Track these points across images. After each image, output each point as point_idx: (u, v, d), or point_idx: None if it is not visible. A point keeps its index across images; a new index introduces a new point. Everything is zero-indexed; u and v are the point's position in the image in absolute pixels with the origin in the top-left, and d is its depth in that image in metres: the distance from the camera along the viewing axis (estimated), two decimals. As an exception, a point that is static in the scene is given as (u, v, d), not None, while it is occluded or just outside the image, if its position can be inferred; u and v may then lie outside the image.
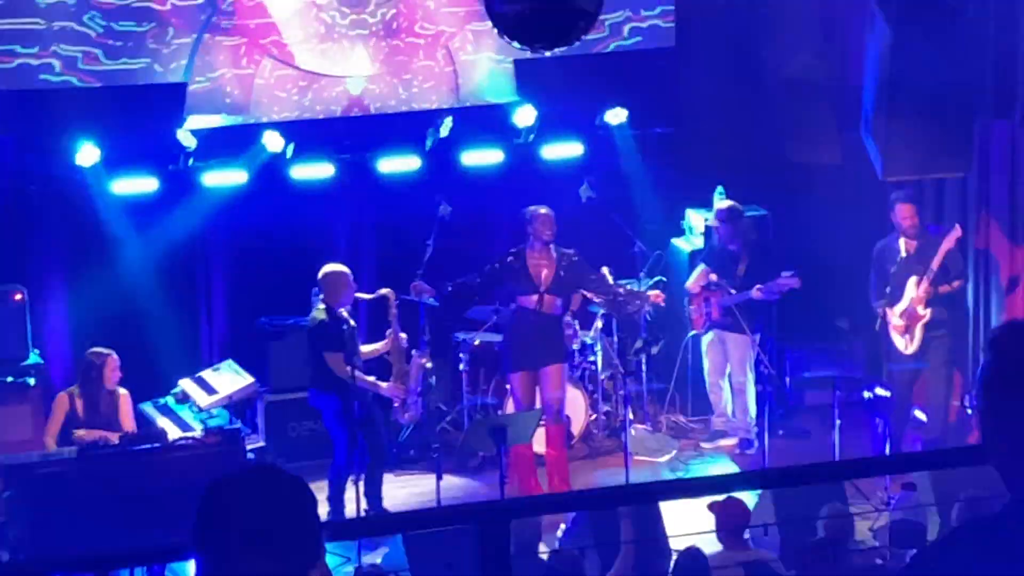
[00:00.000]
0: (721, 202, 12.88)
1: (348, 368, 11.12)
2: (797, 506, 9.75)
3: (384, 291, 11.69)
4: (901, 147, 11.44)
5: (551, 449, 12.06)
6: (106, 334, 11.64)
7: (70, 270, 12.64)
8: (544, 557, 9.16)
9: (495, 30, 7.72)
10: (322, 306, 11.33)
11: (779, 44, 13.10)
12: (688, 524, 8.86)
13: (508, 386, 12.52)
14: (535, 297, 11.84)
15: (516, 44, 7.68)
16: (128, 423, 10.72)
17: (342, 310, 11.37)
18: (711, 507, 9.17)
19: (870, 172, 11.87)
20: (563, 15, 7.59)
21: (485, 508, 3.46)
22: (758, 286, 12.49)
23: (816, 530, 9.26)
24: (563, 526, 10.07)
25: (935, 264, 11.99)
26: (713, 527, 9.14)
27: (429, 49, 13.07)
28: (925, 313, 12.10)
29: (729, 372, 13.01)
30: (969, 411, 11.54)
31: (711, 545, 9.18)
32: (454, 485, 12.15)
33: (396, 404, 11.72)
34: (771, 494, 10.18)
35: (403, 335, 11.74)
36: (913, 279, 12.09)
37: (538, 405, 11.88)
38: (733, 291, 12.61)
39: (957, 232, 12.00)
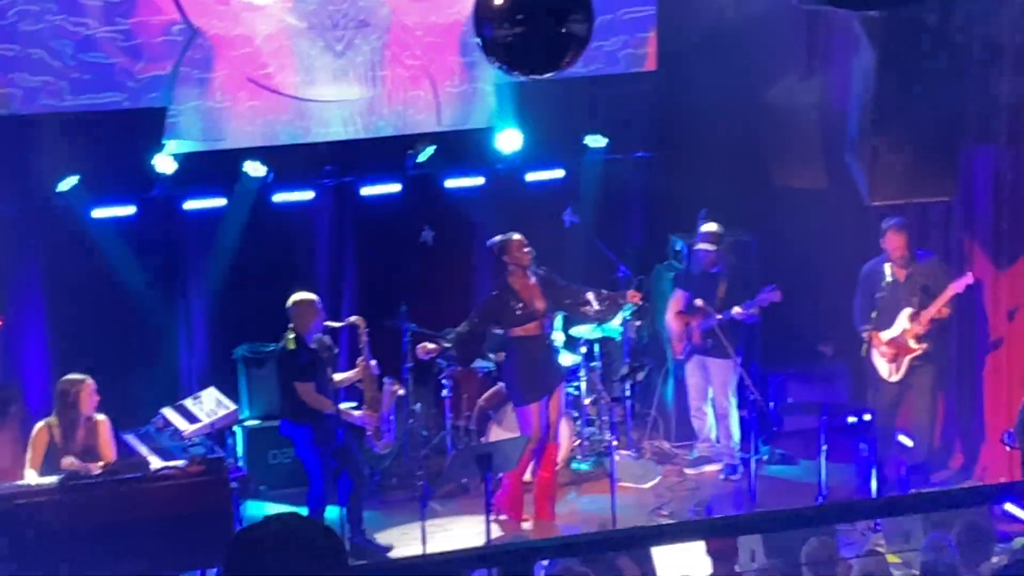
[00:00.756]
0: (706, 225, 12.83)
1: (319, 397, 11.08)
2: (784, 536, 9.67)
3: (353, 319, 11.60)
4: (886, 171, 11.41)
5: (543, 472, 11.98)
6: (86, 361, 11.51)
7: (49, 297, 12.52)
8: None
9: (484, 55, 7.68)
10: (291, 335, 11.24)
11: (763, 68, 13.08)
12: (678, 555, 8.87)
13: (491, 412, 12.46)
14: (533, 325, 11.74)
15: (507, 70, 7.63)
16: (108, 451, 10.58)
17: (323, 337, 11.28)
18: None
19: (855, 196, 11.84)
20: (553, 41, 7.55)
21: (509, 551, 3.36)
22: (737, 307, 12.45)
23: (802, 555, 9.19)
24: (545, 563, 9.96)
25: (936, 309, 11.93)
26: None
27: (414, 76, 12.98)
28: (918, 348, 12.06)
29: (712, 397, 12.96)
30: (1008, 448, 11.47)
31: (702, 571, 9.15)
32: (438, 511, 12.07)
33: (369, 432, 11.62)
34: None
35: (373, 362, 11.64)
36: (907, 311, 12.02)
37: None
38: (718, 315, 12.54)
39: (969, 279, 11.96)
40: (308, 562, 2.91)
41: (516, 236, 11.72)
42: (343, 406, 11.38)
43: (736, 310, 12.45)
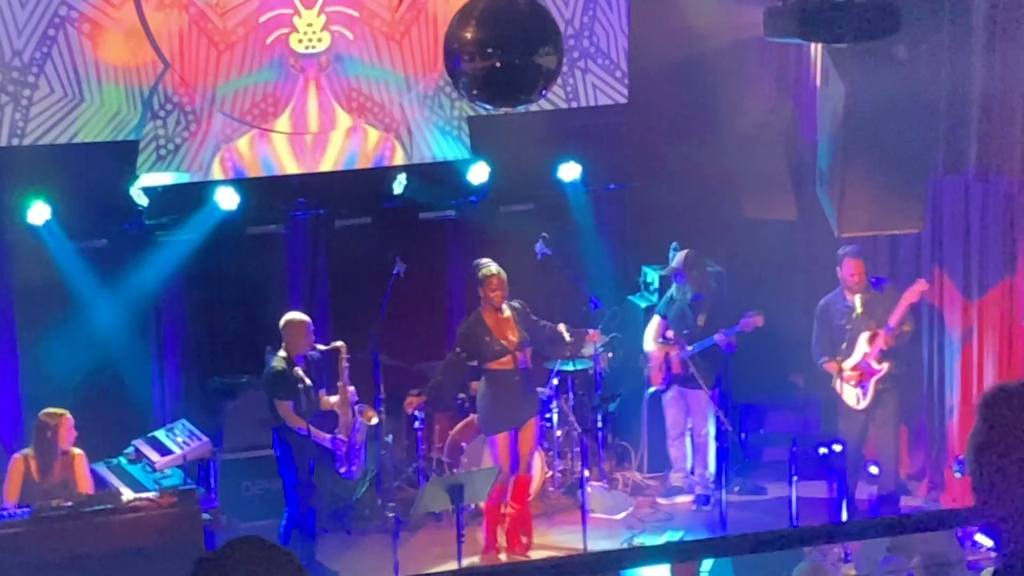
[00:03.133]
0: (680, 253, 12.89)
1: (294, 415, 11.19)
2: (753, 559, 9.70)
3: (337, 344, 11.70)
4: (856, 203, 11.47)
5: (516, 503, 12.02)
6: (58, 393, 11.53)
7: (21, 328, 12.51)
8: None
9: (455, 88, 7.74)
10: (282, 354, 11.34)
11: (733, 100, 13.15)
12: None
13: (463, 444, 12.49)
14: (507, 359, 11.80)
15: (478, 102, 7.69)
16: (85, 484, 10.59)
17: (305, 360, 11.35)
18: None
19: (825, 228, 11.91)
20: (524, 73, 7.61)
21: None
22: (721, 333, 12.50)
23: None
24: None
25: (894, 319, 12.03)
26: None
27: (384, 106, 13.03)
28: (881, 367, 12.13)
29: (691, 427, 13.00)
30: (958, 475, 11.55)
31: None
32: (410, 543, 12.07)
33: (339, 454, 11.65)
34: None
35: (351, 388, 11.71)
36: (865, 335, 12.12)
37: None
38: (690, 347, 12.59)
39: (923, 285, 12.04)
40: None
41: (494, 273, 11.75)
42: (313, 429, 11.38)
43: (719, 337, 12.51)
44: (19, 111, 11.94)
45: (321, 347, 11.70)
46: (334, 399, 11.73)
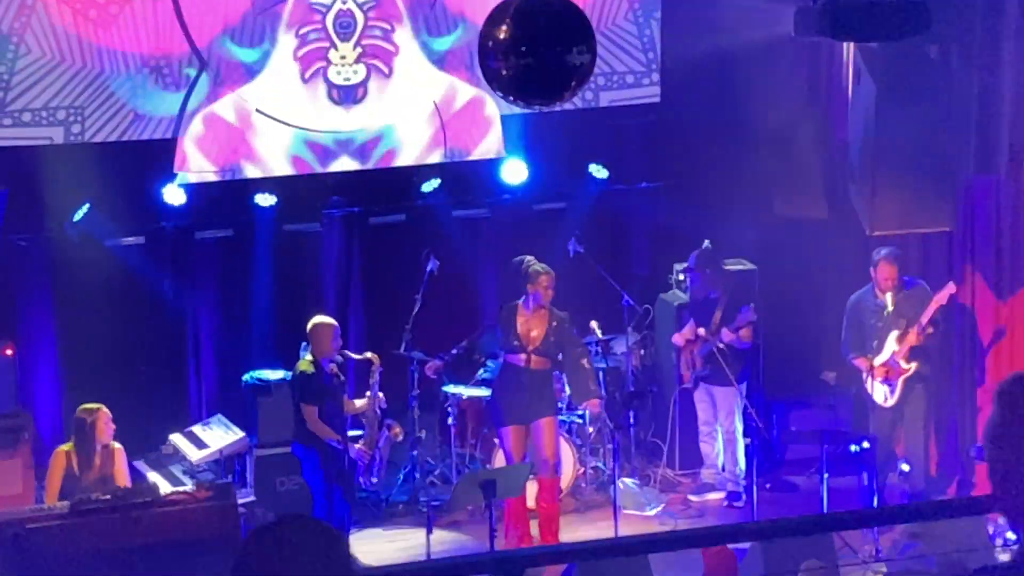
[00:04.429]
0: (697, 251, 12.96)
1: (320, 424, 11.25)
2: (784, 560, 9.76)
3: (370, 355, 11.76)
4: (887, 202, 11.54)
5: (543, 503, 12.08)
6: (95, 388, 11.64)
7: (60, 325, 12.67)
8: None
9: (489, 87, 7.82)
10: (308, 357, 11.40)
11: (765, 99, 13.19)
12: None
13: (496, 440, 12.56)
14: (523, 356, 11.89)
15: (512, 101, 7.77)
16: (123, 478, 10.70)
17: (333, 364, 11.42)
18: (705, 551, 9.24)
19: (856, 226, 11.96)
20: (557, 72, 7.68)
21: (502, 558, 3.49)
22: (726, 330, 12.58)
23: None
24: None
25: (924, 318, 12.06)
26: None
27: (418, 103, 13.11)
28: (909, 367, 12.16)
29: (719, 423, 13.05)
30: (976, 460, 11.60)
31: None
32: (443, 539, 12.16)
33: (362, 465, 11.73)
34: (760, 549, 10.22)
35: (381, 396, 11.77)
36: (894, 333, 12.15)
37: (528, 459, 11.92)
38: (708, 343, 12.69)
39: (951, 288, 12.04)
40: (317, 562, 3.01)
41: (547, 270, 11.85)
42: (338, 436, 11.44)
43: (725, 335, 12.58)
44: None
45: (354, 355, 11.77)
46: (360, 403, 11.80)
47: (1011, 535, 10.64)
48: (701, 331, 12.78)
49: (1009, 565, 3.07)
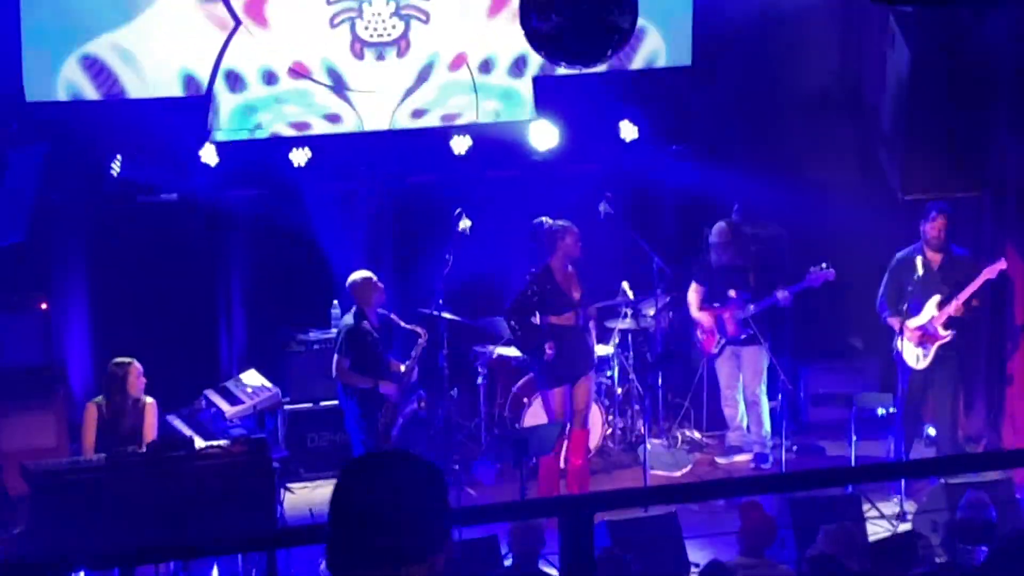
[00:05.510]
0: (718, 225, 12.96)
1: (351, 373, 11.50)
2: (813, 523, 9.79)
3: (418, 329, 11.88)
4: (919, 166, 11.55)
5: (574, 458, 12.16)
6: (127, 344, 11.74)
7: (93, 280, 12.76)
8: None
9: (530, 46, 7.87)
10: (355, 310, 11.61)
11: (797, 62, 13.20)
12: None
13: (525, 399, 12.63)
14: (570, 315, 11.95)
15: (552, 60, 7.82)
16: (151, 432, 10.79)
17: (366, 321, 11.52)
18: (742, 507, 9.31)
19: (887, 190, 11.97)
20: (598, 32, 7.72)
21: (569, 501, 3.56)
22: (782, 289, 12.56)
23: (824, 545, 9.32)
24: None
25: (969, 291, 11.96)
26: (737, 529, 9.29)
27: (451, 66, 13.16)
28: (945, 335, 12.13)
29: (742, 385, 13.09)
30: None
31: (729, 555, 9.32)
32: (473, 498, 12.24)
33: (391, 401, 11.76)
34: (789, 514, 10.30)
35: (416, 371, 11.88)
36: (936, 298, 12.09)
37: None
38: (751, 307, 12.70)
39: (1002, 264, 11.98)
40: (409, 495, 3.05)
41: (574, 227, 11.93)
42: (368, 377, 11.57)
43: (782, 293, 12.55)
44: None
45: (401, 322, 11.86)
46: (403, 367, 11.90)
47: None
48: (733, 293, 12.81)
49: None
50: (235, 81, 12.66)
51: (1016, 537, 3.14)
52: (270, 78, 12.75)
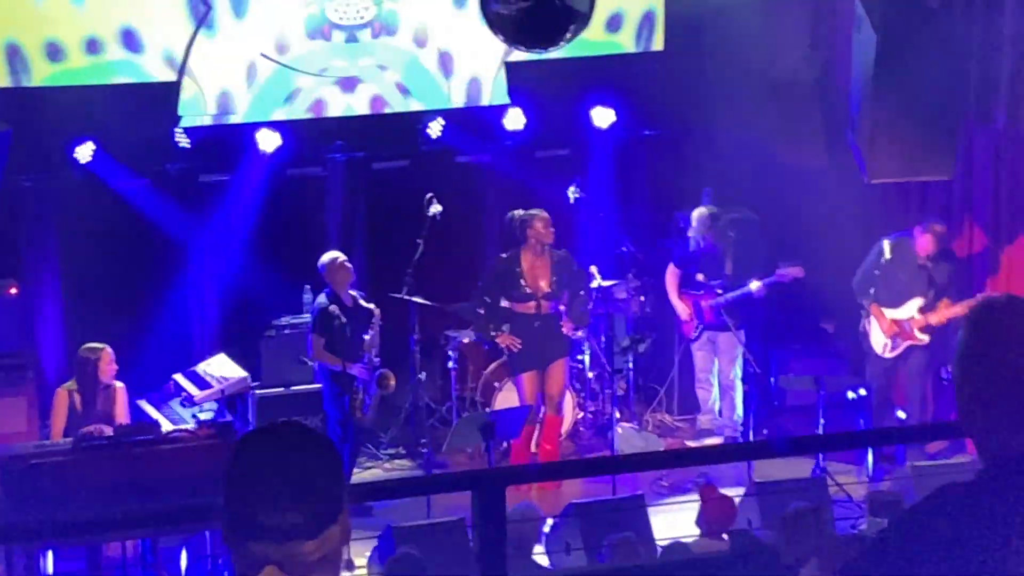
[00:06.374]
0: (699, 212, 13.00)
1: (325, 352, 11.60)
2: (779, 506, 9.81)
3: (372, 306, 11.91)
4: (886, 150, 11.58)
5: (546, 443, 12.23)
6: (99, 328, 11.75)
7: (64, 264, 12.75)
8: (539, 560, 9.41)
9: (490, 31, 7.89)
10: (325, 291, 11.76)
11: (766, 47, 13.21)
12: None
13: (496, 384, 12.67)
14: (532, 304, 12.04)
15: (511, 44, 7.84)
16: (124, 417, 10.82)
17: (335, 304, 11.55)
18: (701, 490, 9.37)
19: (856, 175, 12.01)
20: (557, 17, 7.74)
21: (483, 475, 3.60)
22: (755, 281, 12.60)
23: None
24: (550, 522, 10.19)
25: (952, 312, 12.01)
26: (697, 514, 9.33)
27: (421, 52, 13.18)
28: (922, 339, 12.21)
29: (717, 369, 13.14)
30: (944, 382, 11.76)
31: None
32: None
33: (362, 382, 11.81)
34: (755, 498, 10.34)
35: (375, 351, 11.90)
36: (918, 301, 12.14)
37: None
38: (720, 292, 12.74)
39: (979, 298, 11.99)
40: (302, 466, 3.04)
41: (543, 213, 11.99)
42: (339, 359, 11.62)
43: (755, 285, 12.59)
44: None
45: (363, 302, 11.91)
46: (373, 349, 11.95)
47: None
48: (701, 277, 12.86)
49: (970, 484, 3.16)
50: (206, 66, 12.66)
51: (914, 511, 3.17)
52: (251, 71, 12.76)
